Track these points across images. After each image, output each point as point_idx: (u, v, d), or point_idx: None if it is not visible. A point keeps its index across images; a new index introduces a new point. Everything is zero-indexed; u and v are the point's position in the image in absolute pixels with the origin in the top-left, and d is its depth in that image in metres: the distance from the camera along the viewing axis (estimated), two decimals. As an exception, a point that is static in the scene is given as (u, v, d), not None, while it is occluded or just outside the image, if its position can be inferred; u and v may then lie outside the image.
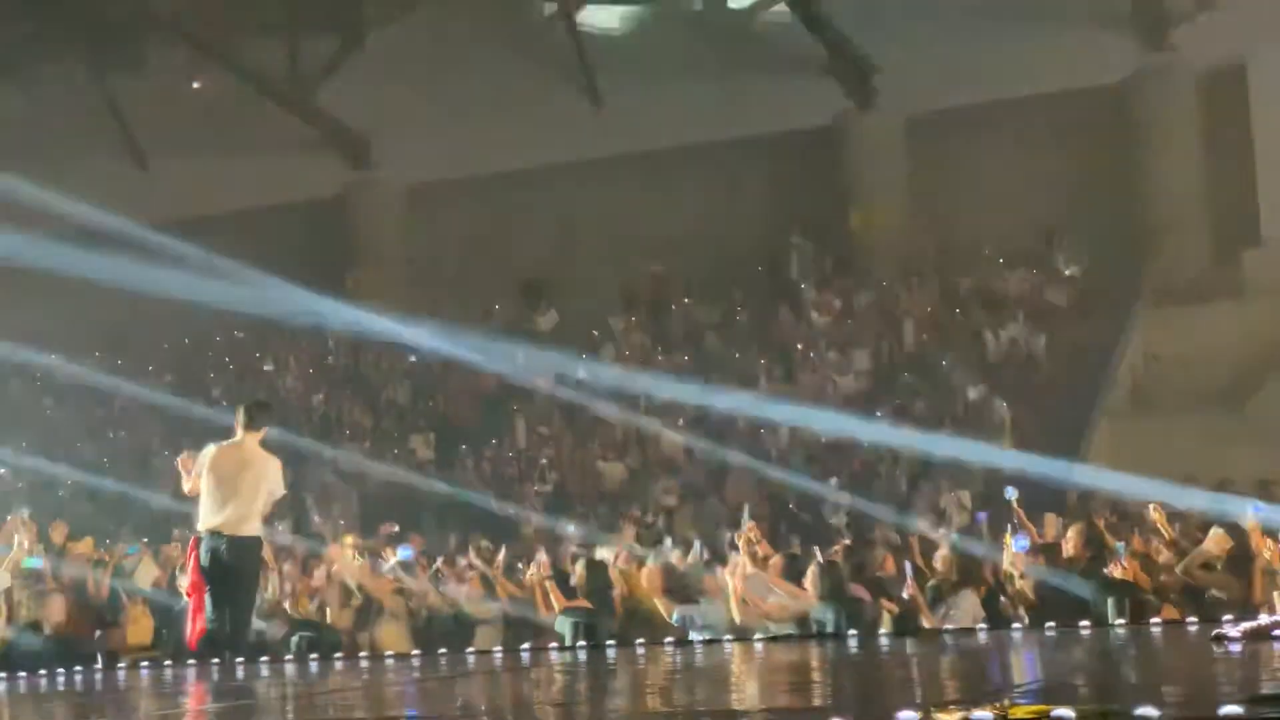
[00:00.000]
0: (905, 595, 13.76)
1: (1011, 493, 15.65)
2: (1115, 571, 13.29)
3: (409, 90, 29.13)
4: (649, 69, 28.35)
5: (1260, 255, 25.14)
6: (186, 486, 12.82)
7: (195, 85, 30.48)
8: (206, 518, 12.53)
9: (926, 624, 13.08)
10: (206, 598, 12.34)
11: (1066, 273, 26.11)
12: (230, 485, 12.46)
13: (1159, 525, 14.99)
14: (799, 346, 25.90)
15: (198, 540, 12.59)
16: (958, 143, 27.10)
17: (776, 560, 14.83)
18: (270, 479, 12.69)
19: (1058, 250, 26.27)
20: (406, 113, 29.43)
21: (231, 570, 12.38)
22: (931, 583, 14.23)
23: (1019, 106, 26.55)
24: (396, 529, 20.06)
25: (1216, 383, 23.60)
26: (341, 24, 29.98)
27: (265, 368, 29.06)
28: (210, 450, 12.77)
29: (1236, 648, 8.65)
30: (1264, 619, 10.58)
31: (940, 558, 14.59)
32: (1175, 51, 26.28)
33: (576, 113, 29.31)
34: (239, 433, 12.80)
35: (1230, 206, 25.78)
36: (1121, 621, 11.25)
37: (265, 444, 12.94)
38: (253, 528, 12.57)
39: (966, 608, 13.79)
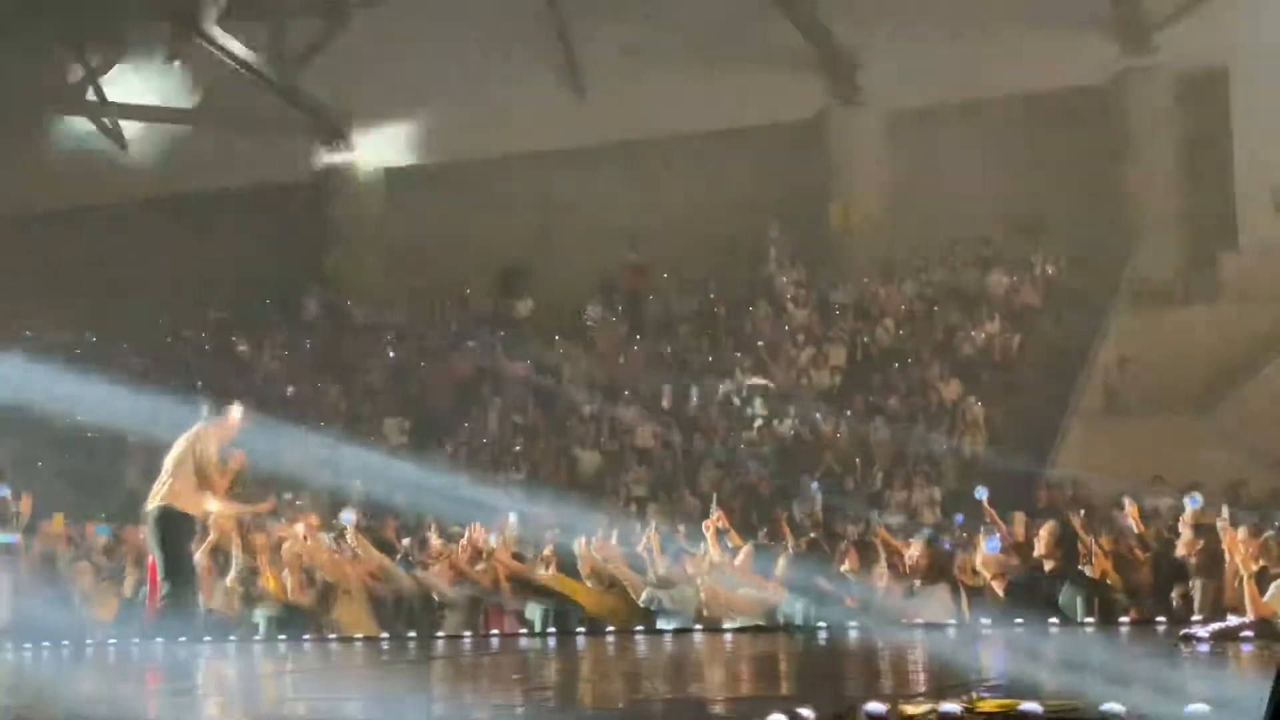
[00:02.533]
0: (878, 588, 13.78)
1: (982, 492, 15.70)
2: (1086, 570, 13.32)
3: (389, 74, 29.07)
4: (633, 58, 28.33)
5: (1237, 259, 25.23)
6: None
7: (175, 63, 30.34)
8: None
9: (901, 619, 13.10)
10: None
11: (1044, 272, 26.16)
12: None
13: (1132, 522, 15.02)
14: (774, 340, 25.91)
15: None
16: (939, 140, 27.15)
17: (745, 550, 14.82)
18: (176, 449, 13.31)
19: (1035, 250, 26.33)
20: (386, 97, 29.39)
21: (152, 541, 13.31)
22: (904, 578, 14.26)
23: (1000, 105, 26.61)
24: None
25: (1190, 385, 23.69)
26: (325, 6, 29.88)
27: (240, 349, 28.97)
28: None
29: (1204, 648, 8.67)
30: (1233, 620, 10.62)
31: (912, 553, 14.59)
32: (1157, 54, 26.35)
33: (559, 100, 29.29)
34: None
35: (1208, 210, 25.88)
36: (1090, 620, 11.28)
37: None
38: (161, 498, 13.21)
39: (938, 602, 13.80)
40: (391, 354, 28.21)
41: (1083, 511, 17.47)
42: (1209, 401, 23.48)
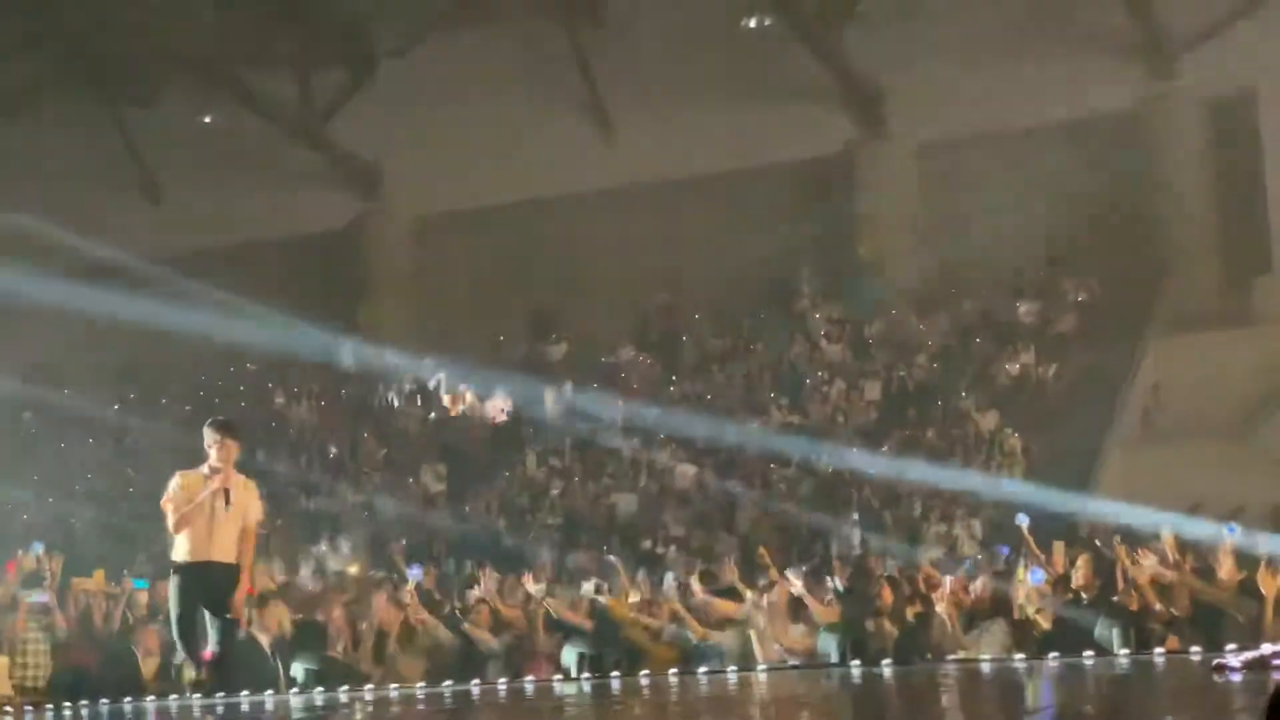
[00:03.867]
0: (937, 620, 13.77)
1: (1023, 519, 15.65)
2: (1129, 602, 13.27)
3: (419, 121, 29.25)
4: (659, 99, 28.42)
5: (1271, 283, 25.11)
6: None
7: (206, 120, 30.58)
8: None
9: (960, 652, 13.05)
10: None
11: (1076, 300, 26.07)
12: None
13: (1170, 553, 14.95)
14: (809, 377, 25.88)
15: None
16: (967, 171, 27.13)
17: (784, 591, 14.85)
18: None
19: (1067, 278, 26.25)
20: (417, 144, 29.55)
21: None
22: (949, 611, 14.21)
23: (1028, 134, 26.57)
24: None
25: (1227, 411, 23.54)
26: (352, 56, 30.10)
27: (278, 400, 29.09)
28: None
29: (1237, 677, 8.60)
30: (1266, 648, 10.53)
31: (974, 587, 14.56)
32: (1183, 79, 26.29)
33: (587, 143, 29.39)
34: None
35: (1241, 234, 25.78)
36: (1125, 651, 11.21)
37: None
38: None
39: (997, 638, 13.79)
40: (426, 401, 28.25)
41: (1119, 539, 17.41)
42: (1248, 426, 23.33)
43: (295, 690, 14.26)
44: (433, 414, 27.78)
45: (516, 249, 29.57)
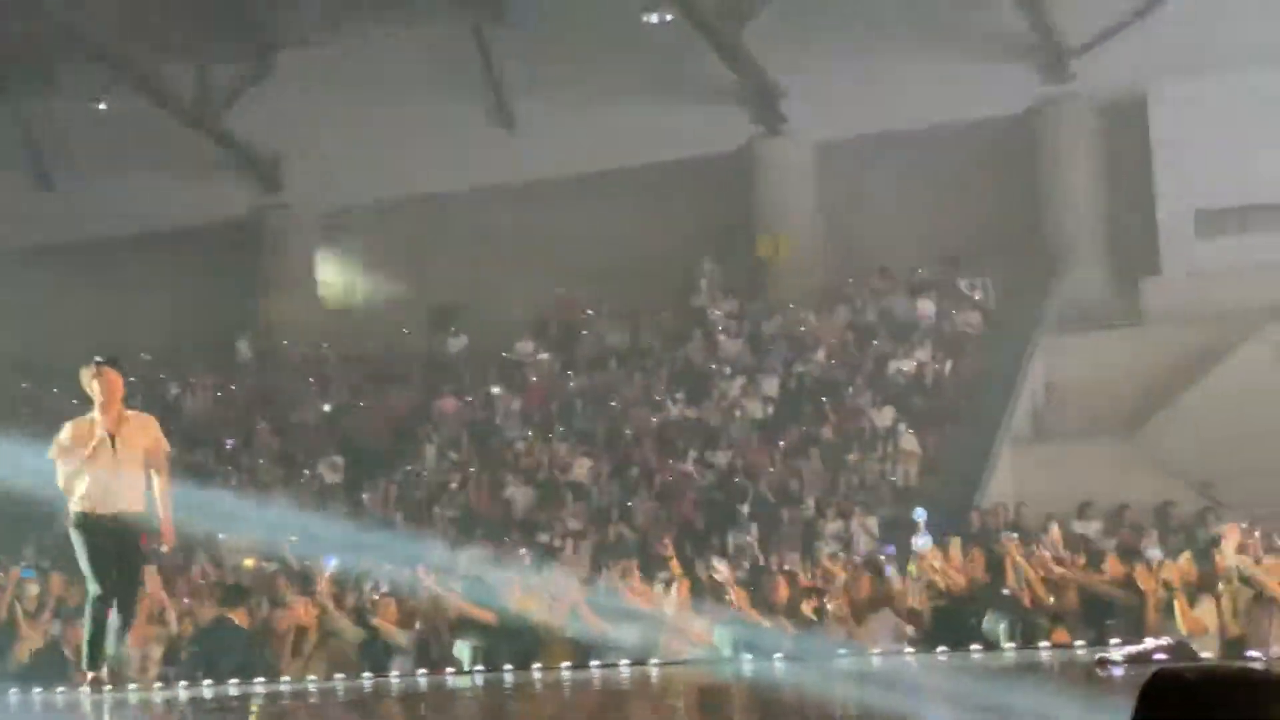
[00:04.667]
0: (821, 617, 13.92)
1: (920, 514, 15.82)
2: (1018, 595, 13.49)
3: (321, 114, 29.09)
4: (561, 94, 28.45)
5: (1159, 284, 25.55)
6: None
7: (100, 106, 30.20)
8: None
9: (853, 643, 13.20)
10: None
11: (972, 299, 26.42)
12: None
13: (1056, 547, 15.23)
14: (707, 373, 26.05)
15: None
16: (867, 169, 27.37)
17: (685, 585, 14.95)
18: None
19: (963, 277, 26.59)
20: (318, 136, 29.39)
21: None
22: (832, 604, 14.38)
23: (926, 134, 26.83)
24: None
25: (1116, 409, 23.95)
26: (253, 46, 29.89)
27: (172, 391, 28.86)
28: None
29: (1119, 672, 8.80)
30: (1149, 643, 10.77)
31: (858, 581, 14.73)
32: (1077, 82, 26.69)
33: (489, 137, 29.38)
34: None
35: (1130, 235, 26.19)
36: (1011, 645, 11.42)
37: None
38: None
39: (886, 630, 13.96)
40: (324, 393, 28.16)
41: (1015, 536, 17.69)
42: (1135, 425, 23.75)
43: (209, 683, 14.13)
44: (328, 406, 27.70)
45: (417, 243, 29.51)
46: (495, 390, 26.88)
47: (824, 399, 24.63)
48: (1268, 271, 24.03)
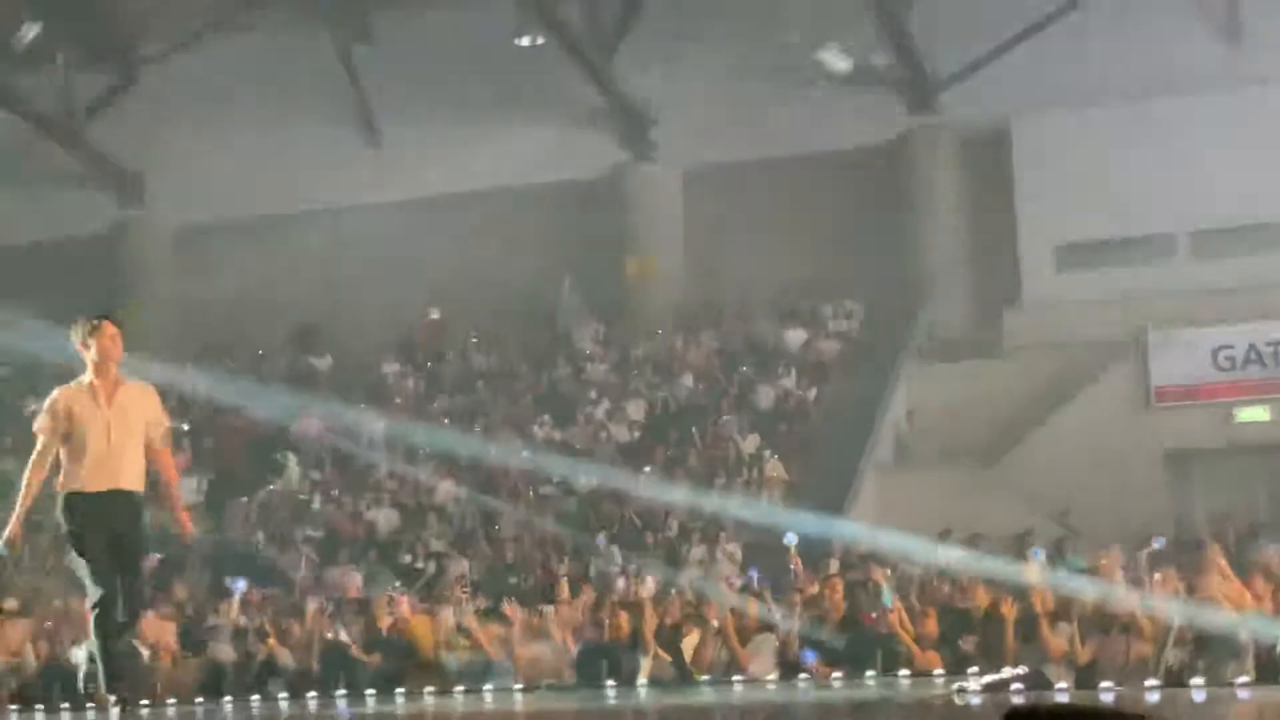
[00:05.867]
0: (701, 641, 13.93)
1: (791, 538, 15.83)
2: (879, 623, 13.57)
3: (184, 128, 28.71)
4: (430, 113, 28.32)
5: (1019, 314, 25.92)
6: None
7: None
8: None
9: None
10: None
11: (837, 327, 26.64)
12: None
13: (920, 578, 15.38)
14: (573, 396, 26.04)
15: None
16: (734, 196, 27.51)
17: (551, 611, 14.91)
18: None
19: (829, 304, 26.81)
20: (181, 150, 29.00)
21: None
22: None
23: (793, 163, 27.02)
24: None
25: (976, 438, 24.28)
26: (115, 60, 29.44)
27: (30, 409, 28.24)
28: None
29: (977, 700, 8.88)
30: (1007, 672, 10.90)
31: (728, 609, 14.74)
32: (942, 114, 27.05)
33: (356, 155, 29.18)
34: None
35: (992, 266, 26.55)
36: (871, 673, 11.50)
37: None
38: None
39: (765, 656, 13.97)
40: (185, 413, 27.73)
41: (872, 563, 17.84)
42: (995, 453, 24.09)
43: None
44: (186, 424, 27.29)
45: (282, 260, 29.15)
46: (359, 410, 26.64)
47: (690, 424, 24.69)
48: (1125, 303, 24.48)
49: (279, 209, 28.93)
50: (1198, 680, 10.04)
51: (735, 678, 12.47)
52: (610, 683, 11.02)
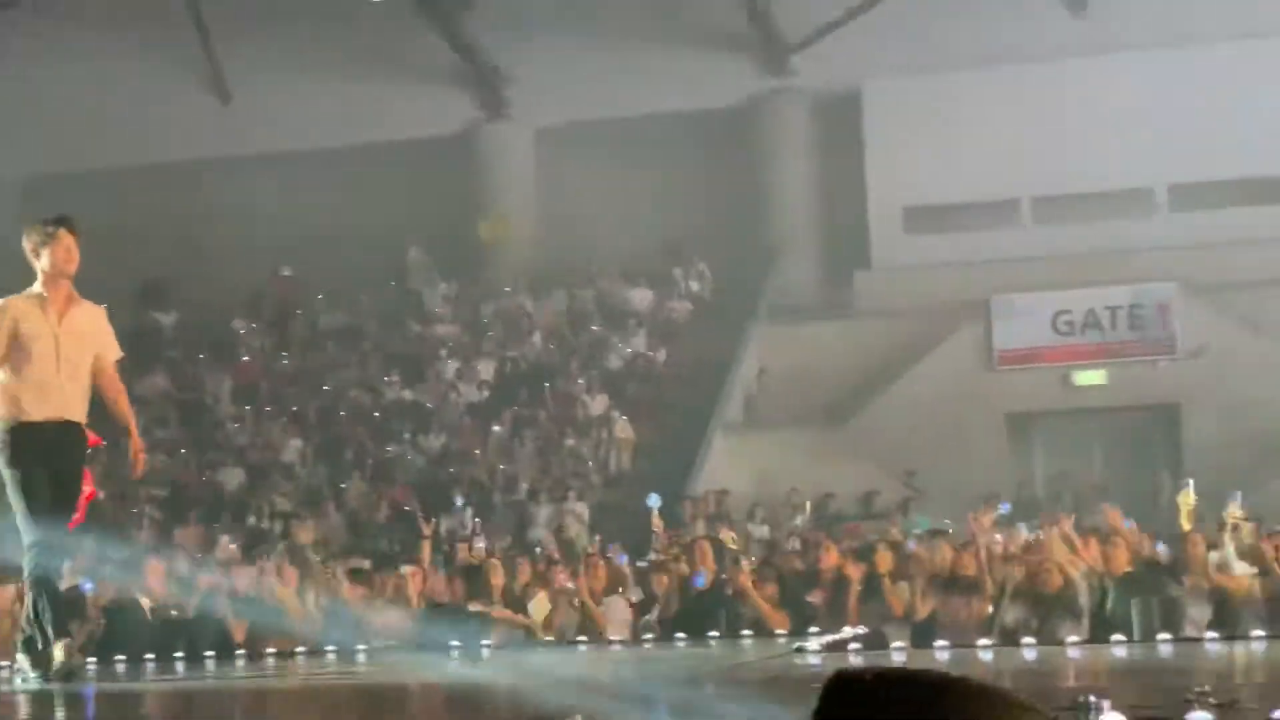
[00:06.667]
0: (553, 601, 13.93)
1: (655, 500, 15.81)
2: (727, 584, 13.65)
3: (29, 79, 28.06)
4: (282, 68, 27.96)
5: (869, 277, 26.23)
6: None
7: None
8: None
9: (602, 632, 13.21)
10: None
11: (689, 288, 26.78)
12: None
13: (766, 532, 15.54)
14: (423, 354, 25.94)
15: None
16: (587, 157, 27.51)
17: (409, 572, 14.81)
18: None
19: (680, 266, 26.93)
20: (25, 102, 28.34)
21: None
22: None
23: (646, 123, 27.09)
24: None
25: (824, 399, 24.54)
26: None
27: None
28: None
29: (816, 661, 8.99)
30: (847, 632, 11.05)
31: (594, 569, 14.73)
32: (794, 78, 27.23)
33: (205, 110, 28.75)
34: None
35: (843, 229, 26.81)
36: (714, 634, 11.60)
37: None
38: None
39: (617, 617, 13.98)
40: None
41: (728, 524, 17.97)
42: (843, 415, 24.37)
43: None
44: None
45: (129, 214, 28.62)
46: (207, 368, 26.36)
47: (540, 384, 24.72)
48: (970, 267, 24.86)
49: (127, 161, 28.41)
50: (1028, 640, 10.26)
51: (581, 639, 12.50)
52: (454, 644, 11.00)
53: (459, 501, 21.48)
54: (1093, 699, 4.51)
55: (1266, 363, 23.06)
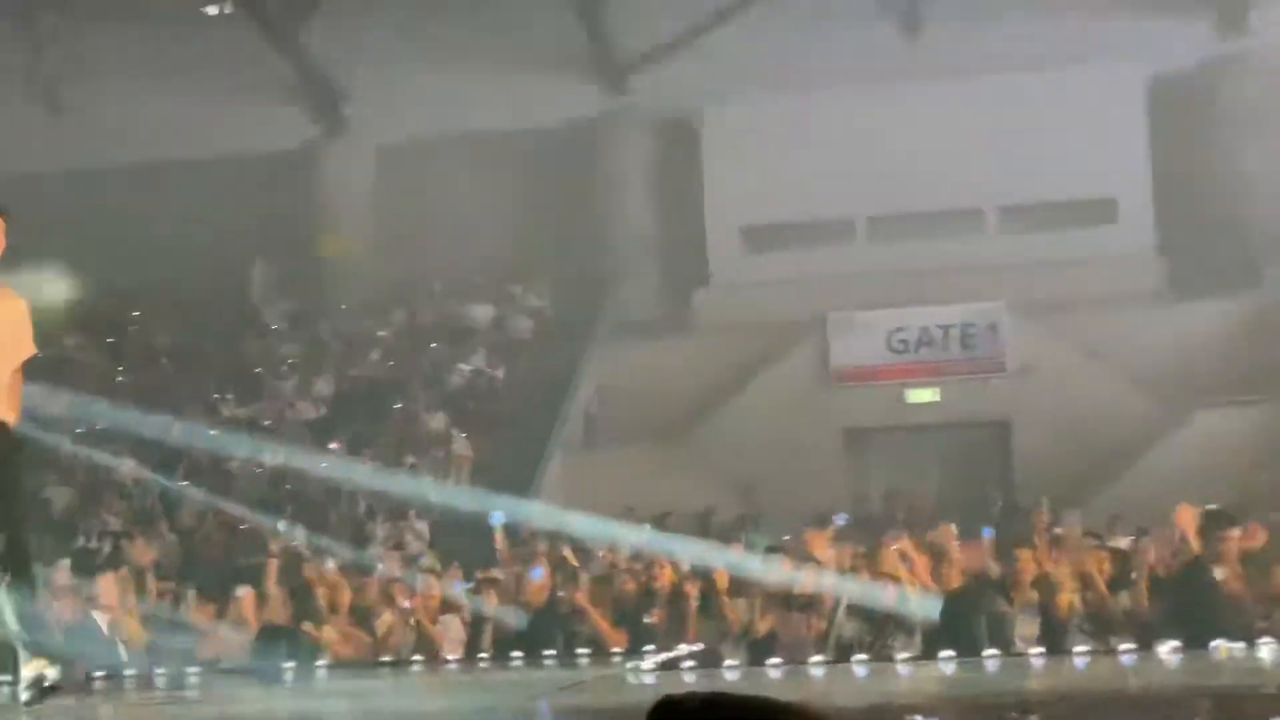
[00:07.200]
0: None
1: (499, 518, 15.69)
2: (565, 603, 13.67)
3: None
4: (115, 81, 27.50)
5: (708, 295, 26.40)
6: None
7: None
8: None
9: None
10: None
11: (528, 306, 26.75)
12: None
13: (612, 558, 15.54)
14: (260, 372, 25.63)
15: None
16: (429, 173, 27.39)
17: (247, 594, 14.64)
18: None
19: (521, 283, 26.89)
20: None
21: None
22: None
23: (488, 141, 27.04)
24: None
25: (664, 417, 24.62)
26: None
27: None
28: None
29: (650, 679, 9.03)
30: (681, 649, 11.11)
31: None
32: (635, 96, 27.35)
33: (36, 119, 28.17)
34: None
35: (683, 246, 26.96)
36: (551, 652, 11.61)
37: None
38: None
39: (454, 638, 13.91)
40: None
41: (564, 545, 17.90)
42: (682, 432, 24.48)
43: None
44: None
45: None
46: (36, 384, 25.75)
47: (379, 402, 24.53)
48: (808, 285, 25.12)
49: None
50: (861, 656, 10.39)
51: (416, 658, 12.43)
52: (288, 664, 10.89)
53: (296, 520, 21.22)
54: (918, 719, 4.60)
55: (1093, 380, 23.60)
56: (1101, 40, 25.25)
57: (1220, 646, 10.38)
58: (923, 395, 24.37)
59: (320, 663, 11.49)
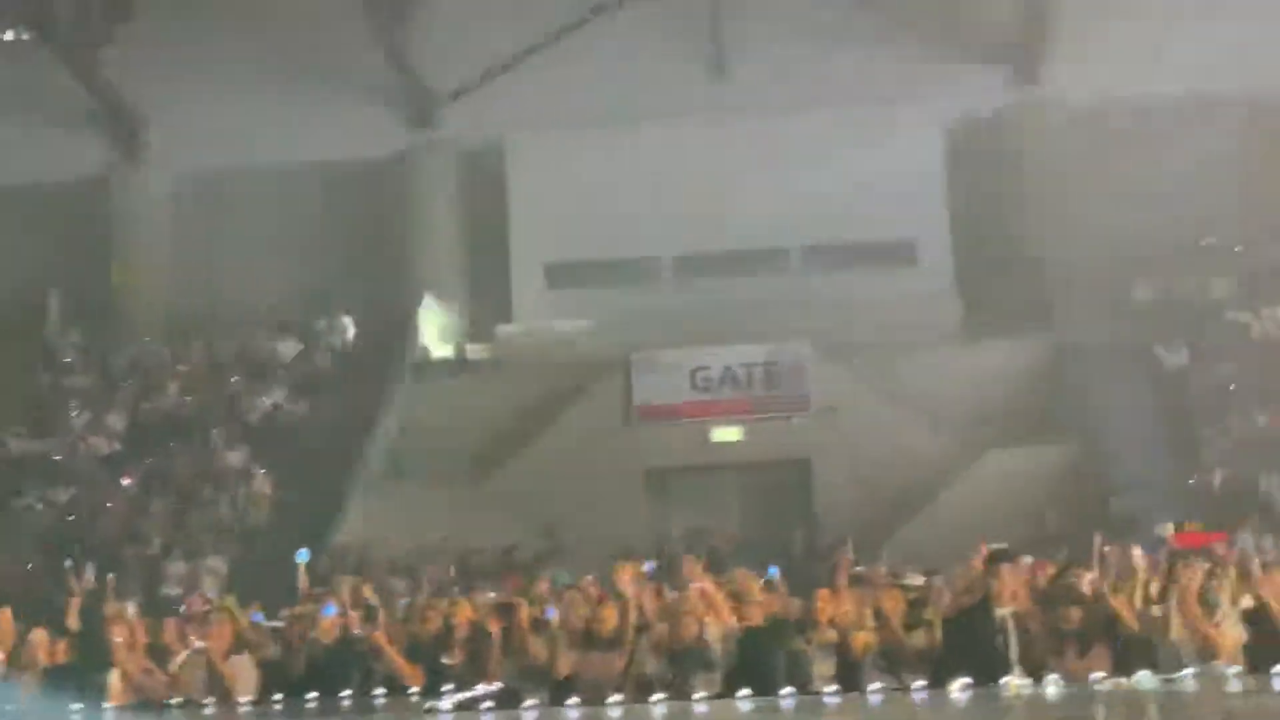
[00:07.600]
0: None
1: (304, 555, 15.43)
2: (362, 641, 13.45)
3: None
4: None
5: (511, 331, 26.37)
6: None
7: None
8: None
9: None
10: None
11: (330, 341, 26.42)
12: None
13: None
14: (52, 404, 25.02)
15: None
16: (229, 204, 27.03)
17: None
18: None
19: (323, 319, 26.57)
20: None
21: None
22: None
23: (292, 172, 26.74)
24: None
25: (467, 453, 24.48)
26: None
27: None
28: None
29: (448, 719, 8.94)
30: (480, 689, 11.01)
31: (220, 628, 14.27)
32: (442, 131, 27.25)
33: None
34: None
35: (487, 282, 26.88)
36: (347, 692, 11.44)
37: None
38: None
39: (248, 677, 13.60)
40: None
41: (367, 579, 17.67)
42: (485, 468, 24.35)
43: None
44: None
45: None
46: None
47: (175, 436, 24.07)
48: (612, 323, 25.19)
49: None
50: (659, 695, 10.37)
51: (208, 700, 12.15)
52: (78, 705, 10.60)
53: (86, 558, 20.70)
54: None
55: (891, 420, 23.97)
56: (904, 85, 25.77)
57: (1010, 683, 10.55)
58: (727, 434, 24.50)
59: (108, 705, 11.18)
